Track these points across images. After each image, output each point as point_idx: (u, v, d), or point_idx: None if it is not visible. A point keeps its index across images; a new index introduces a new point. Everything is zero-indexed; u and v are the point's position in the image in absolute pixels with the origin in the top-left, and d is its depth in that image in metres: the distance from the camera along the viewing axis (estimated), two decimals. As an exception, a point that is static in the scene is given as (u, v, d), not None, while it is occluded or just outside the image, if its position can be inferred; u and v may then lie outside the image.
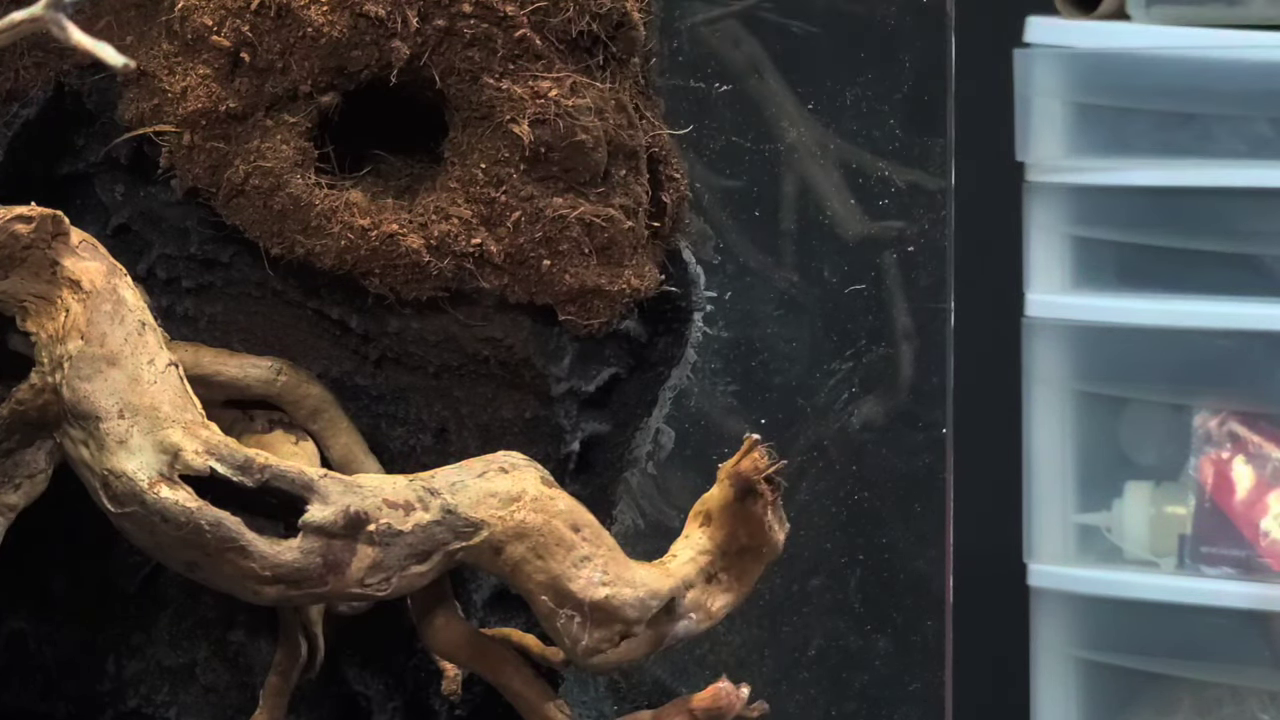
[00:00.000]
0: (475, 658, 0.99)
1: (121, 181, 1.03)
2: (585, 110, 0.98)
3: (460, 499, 0.90)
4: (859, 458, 1.79)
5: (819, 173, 1.79)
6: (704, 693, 0.96)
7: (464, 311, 1.02)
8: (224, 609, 1.07)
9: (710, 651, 1.73)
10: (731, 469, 0.95)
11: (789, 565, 1.73)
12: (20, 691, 1.07)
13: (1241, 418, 1.71)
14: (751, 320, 1.79)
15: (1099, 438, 1.76)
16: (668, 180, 1.05)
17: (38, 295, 0.89)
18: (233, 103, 0.97)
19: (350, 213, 0.99)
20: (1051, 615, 1.73)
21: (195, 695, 1.08)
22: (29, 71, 1.01)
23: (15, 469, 0.90)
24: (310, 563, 0.87)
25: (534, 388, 1.04)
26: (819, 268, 1.80)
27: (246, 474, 0.87)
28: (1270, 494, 1.69)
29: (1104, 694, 1.76)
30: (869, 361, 1.78)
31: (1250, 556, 1.69)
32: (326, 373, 1.05)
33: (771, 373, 1.79)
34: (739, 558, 0.96)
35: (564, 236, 1.00)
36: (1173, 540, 1.72)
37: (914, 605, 1.77)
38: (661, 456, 1.15)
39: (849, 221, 1.79)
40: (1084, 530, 1.75)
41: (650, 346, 1.08)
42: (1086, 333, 1.72)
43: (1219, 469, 1.71)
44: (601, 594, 0.90)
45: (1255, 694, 1.71)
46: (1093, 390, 1.75)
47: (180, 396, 0.88)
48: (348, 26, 0.96)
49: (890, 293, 1.79)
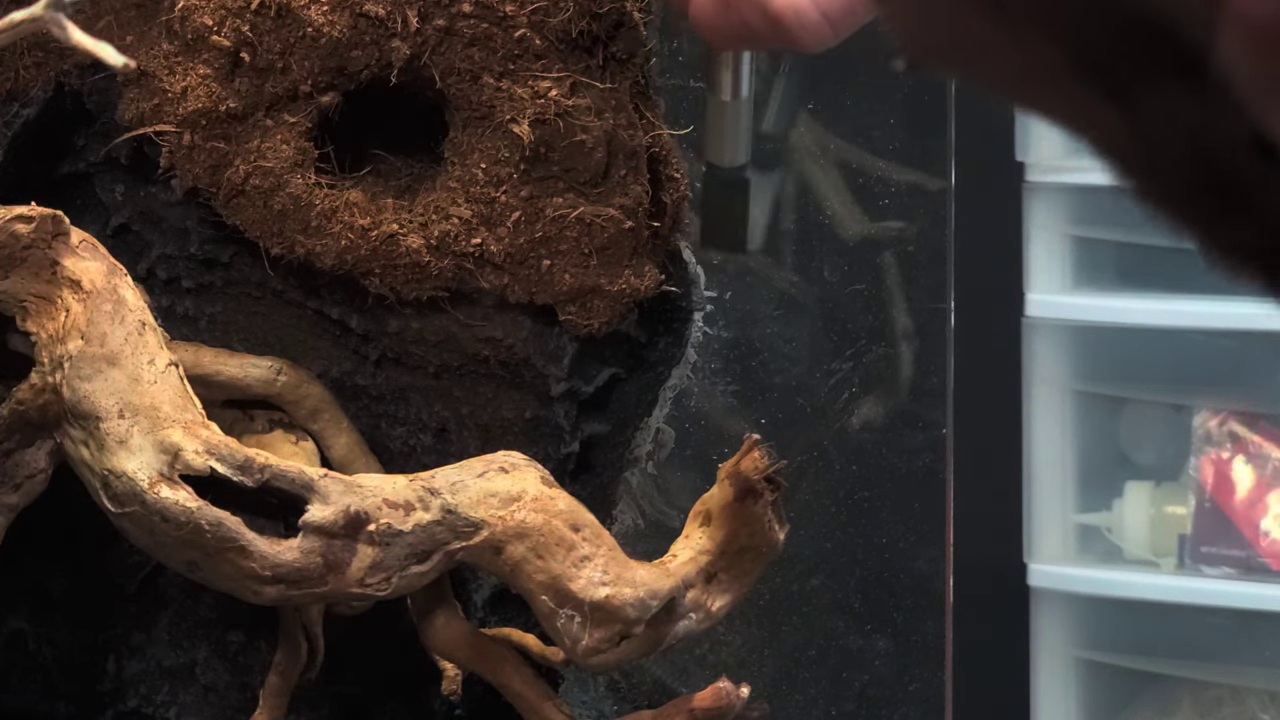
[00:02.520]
0: (475, 658, 0.99)
1: (121, 181, 1.03)
2: (585, 110, 0.98)
3: (460, 499, 0.90)
4: (859, 458, 1.79)
5: (819, 173, 1.79)
6: (704, 693, 0.96)
7: (464, 311, 1.02)
8: (224, 609, 1.07)
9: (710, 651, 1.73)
10: (731, 469, 0.95)
11: (789, 565, 1.73)
12: (20, 691, 1.07)
13: (1241, 418, 1.71)
14: (751, 320, 1.79)
15: (1099, 438, 1.76)
16: (668, 180, 1.05)
17: (38, 295, 0.89)
18: (233, 103, 0.97)
19: (350, 213, 0.99)
20: (1051, 615, 1.73)
21: (195, 695, 1.08)
22: (29, 71, 1.01)
23: (15, 469, 0.90)
24: (310, 563, 0.87)
25: (534, 388, 1.04)
26: (819, 267, 1.80)
27: (246, 474, 0.87)
28: (1270, 494, 1.69)
29: (1104, 694, 1.76)
30: (869, 361, 1.78)
31: (1250, 556, 1.69)
32: (326, 373, 1.05)
33: (771, 373, 1.79)
34: (739, 558, 0.96)
35: (564, 236, 1.00)
36: (1173, 540, 1.72)
37: (914, 605, 1.77)
38: (661, 456, 1.15)
39: (849, 221, 1.79)
40: (1084, 530, 1.75)
41: (650, 346, 1.08)
42: (1086, 333, 1.72)
43: (1219, 469, 1.71)
44: (602, 594, 0.90)
45: (1255, 694, 1.71)
46: (1093, 390, 1.75)
47: (180, 396, 0.88)
48: (348, 26, 0.96)
49: (890, 293, 1.79)
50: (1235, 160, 0.34)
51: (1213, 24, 0.32)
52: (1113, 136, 0.37)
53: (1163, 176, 0.36)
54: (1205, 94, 0.33)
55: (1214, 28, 0.32)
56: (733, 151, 0.97)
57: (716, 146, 0.97)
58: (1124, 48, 0.34)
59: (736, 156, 0.98)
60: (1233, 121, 0.33)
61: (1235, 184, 0.35)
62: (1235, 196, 0.35)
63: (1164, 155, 0.36)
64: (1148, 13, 0.34)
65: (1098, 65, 0.35)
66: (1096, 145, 0.37)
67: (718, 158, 0.97)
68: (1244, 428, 1.71)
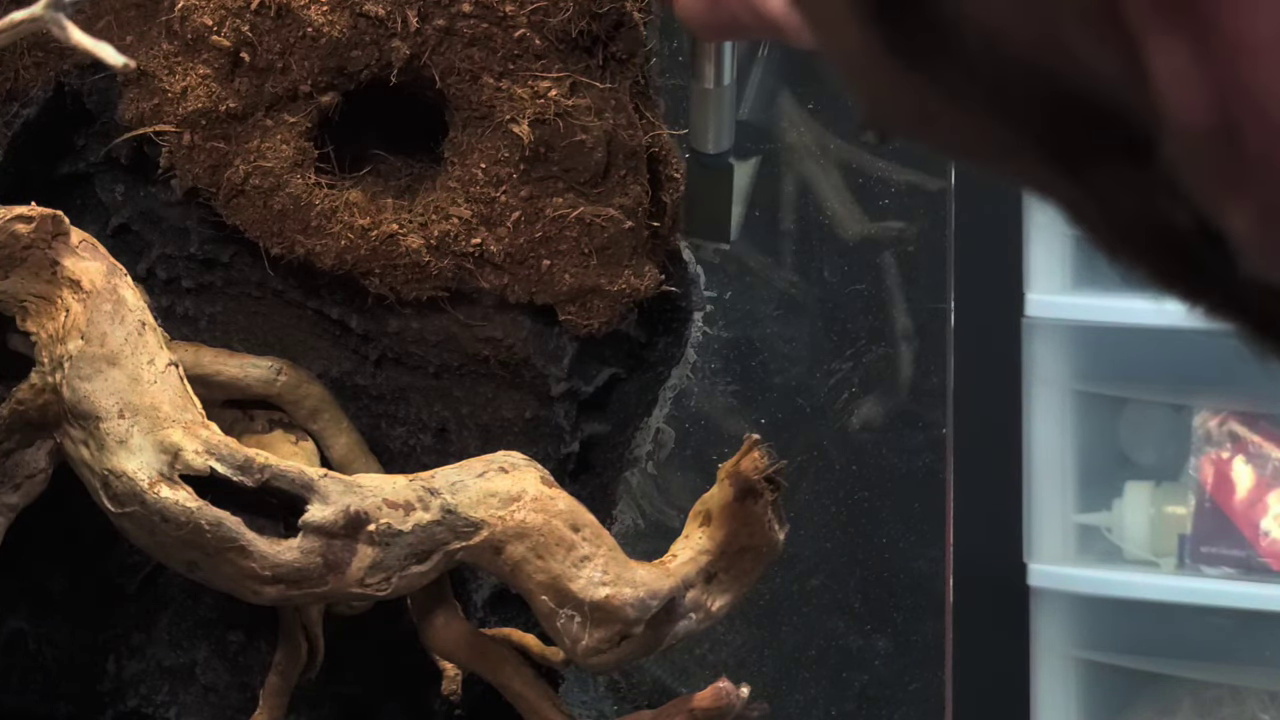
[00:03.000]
0: (475, 658, 0.99)
1: (121, 181, 1.03)
2: (585, 110, 0.98)
3: (460, 499, 0.90)
4: (859, 458, 1.79)
5: (819, 173, 1.79)
6: (704, 693, 0.96)
7: (464, 311, 1.02)
8: (224, 609, 1.07)
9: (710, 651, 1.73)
10: (731, 469, 0.95)
11: (789, 565, 1.73)
12: (20, 691, 1.07)
13: (1241, 418, 1.71)
14: (751, 320, 1.79)
15: (1099, 438, 1.76)
16: (668, 180, 1.05)
17: (38, 295, 0.89)
18: (233, 103, 0.97)
19: (350, 213, 0.99)
20: (1051, 615, 1.73)
21: (195, 695, 1.08)
22: (29, 71, 1.01)
23: (15, 469, 0.90)
24: (310, 562, 0.87)
25: (534, 388, 1.04)
26: (819, 267, 1.80)
27: (246, 474, 0.87)
28: (1270, 494, 1.69)
29: (1104, 694, 1.76)
30: (869, 361, 1.78)
31: (1250, 556, 1.69)
32: (326, 373, 1.05)
33: (771, 373, 1.79)
34: (739, 558, 0.96)
35: (564, 236, 1.00)
36: (1173, 540, 1.72)
37: (914, 605, 1.77)
38: (661, 456, 1.15)
39: (849, 221, 1.79)
40: (1084, 530, 1.75)
41: (650, 346, 1.08)
42: (1086, 333, 1.72)
43: (1219, 469, 1.71)
44: (602, 594, 0.90)
45: (1255, 694, 1.71)
46: (1093, 390, 1.75)
47: (180, 396, 0.88)
48: (348, 26, 0.96)
49: (890, 293, 1.79)
50: (1187, 240, 0.35)
51: (1157, 122, 0.33)
52: (1075, 206, 0.37)
53: (1125, 245, 0.37)
54: (1155, 177, 0.34)
55: (1157, 124, 0.33)
56: (717, 138, 0.99)
57: (701, 133, 0.98)
58: (1076, 132, 0.35)
59: (720, 143, 0.99)
60: (1182, 207, 0.34)
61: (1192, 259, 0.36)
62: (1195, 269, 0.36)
63: (1122, 227, 0.36)
64: (1095, 100, 0.34)
65: (1053, 147, 0.36)
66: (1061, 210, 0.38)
67: (702, 144, 0.98)
68: (1244, 428, 1.70)
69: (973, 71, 0.36)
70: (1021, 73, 0.35)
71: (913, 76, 0.37)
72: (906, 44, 0.36)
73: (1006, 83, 0.35)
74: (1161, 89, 0.33)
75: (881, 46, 0.37)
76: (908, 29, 0.36)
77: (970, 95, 0.36)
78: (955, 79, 0.36)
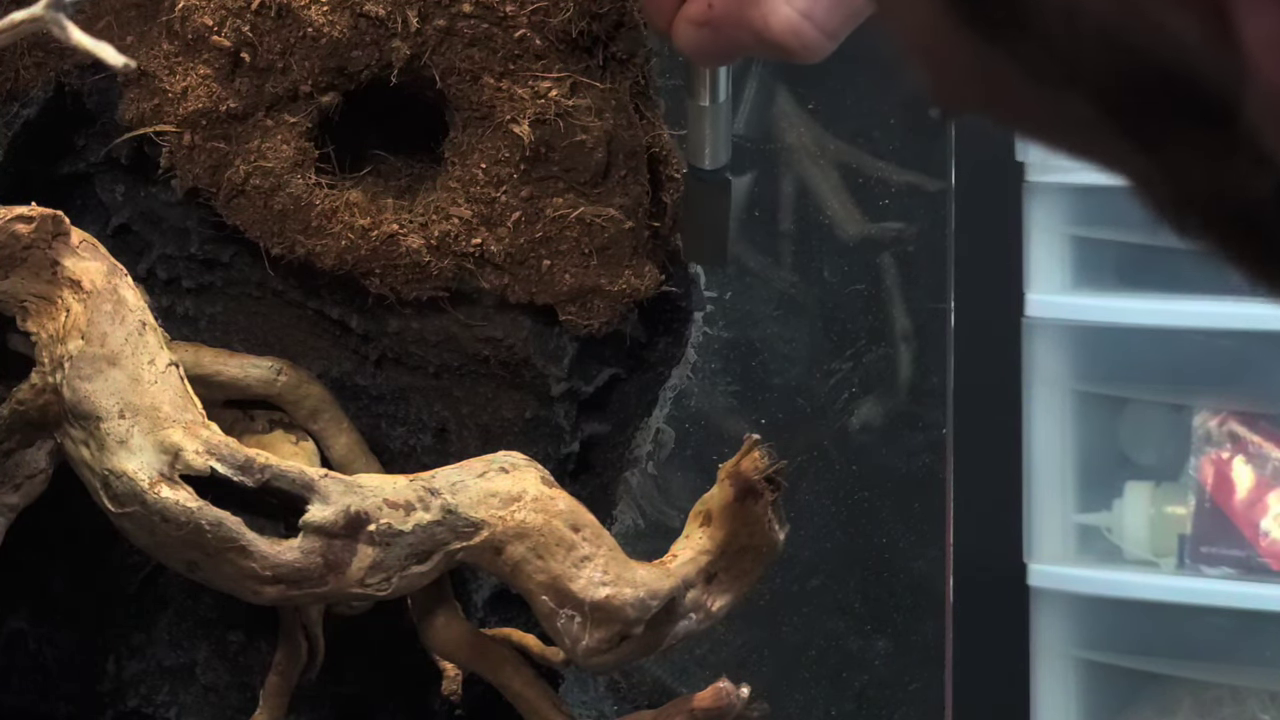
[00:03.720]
0: (475, 658, 0.99)
1: (121, 181, 1.03)
2: (585, 110, 0.98)
3: (461, 499, 0.90)
4: (859, 458, 1.79)
5: (819, 173, 1.79)
6: (704, 693, 0.96)
7: (464, 311, 1.02)
8: (224, 609, 1.07)
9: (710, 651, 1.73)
10: (731, 469, 0.95)
11: (789, 565, 1.73)
12: (20, 691, 1.07)
13: (1241, 418, 1.71)
14: (751, 320, 1.79)
15: (1099, 438, 1.75)
16: (668, 180, 1.05)
17: (38, 295, 0.89)
18: (233, 103, 0.97)
19: (350, 213, 0.99)
20: (1051, 615, 1.73)
21: (195, 695, 1.08)
22: (29, 71, 1.01)
23: (15, 469, 0.90)
24: (310, 563, 0.87)
25: (534, 388, 1.04)
26: (819, 268, 1.80)
27: (247, 474, 0.87)
28: (1270, 494, 1.69)
29: (1104, 694, 1.76)
30: (869, 361, 1.78)
31: (1250, 556, 1.69)
32: (326, 373, 1.05)
33: (771, 373, 1.79)
34: (739, 558, 0.96)
35: (564, 236, 1.00)
36: (1173, 540, 1.72)
37: (914, 605, 1.77)
38: (661, 456, 1.15)
39: (849, 222, 1.79)
40: (1084, 530, 1.75)
41: (650, 347, 1.08)
42: (1086, 333, 1.72)
43: (1219, 469, 1.71)
44: (602, 594, 0.90)
45: (1255, 694, 1.71)
46: (1093, 390, 1.75)
47: (181, 396, 0.88)
48: (348, 26, 0.96)
49: (890, 293, 1.79)
50: (1264, 209, 0.35)
51: (1240, 85, 0.33)
52: (1146, 179, 0.37)
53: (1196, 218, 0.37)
54: (1234, 146, 0.34)
55: (1241, 88, 0.33)
56: (714, 153, 0.99)
57: (697, 150, 0.98)
58: (1153, 102, 0.35)
59: (718, 158, 0.99)
60: (1261, 174, 0.34)
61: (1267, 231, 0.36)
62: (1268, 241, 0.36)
63: (1195, 200, 0.36)
64: (1176, 69, 0.34)
65: (1128, 119, 0.36)
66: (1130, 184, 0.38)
67: (699, 161, 0.98)
68: (1244, 428, 1.70)
69: (1050, 43, 0.35)
70: (1101, 43, 0.35)
71: (988, 51, 0.37)
72: (984, 17, 0.36)
73: (1085, 54, 0.35)
74: (1253, 52, 0.33)
75: (957, 20, 0.37)
76: (986, 2, 0.36)
77: (1047, 68, 0.36)
78: (1033, 52, 0.36)
